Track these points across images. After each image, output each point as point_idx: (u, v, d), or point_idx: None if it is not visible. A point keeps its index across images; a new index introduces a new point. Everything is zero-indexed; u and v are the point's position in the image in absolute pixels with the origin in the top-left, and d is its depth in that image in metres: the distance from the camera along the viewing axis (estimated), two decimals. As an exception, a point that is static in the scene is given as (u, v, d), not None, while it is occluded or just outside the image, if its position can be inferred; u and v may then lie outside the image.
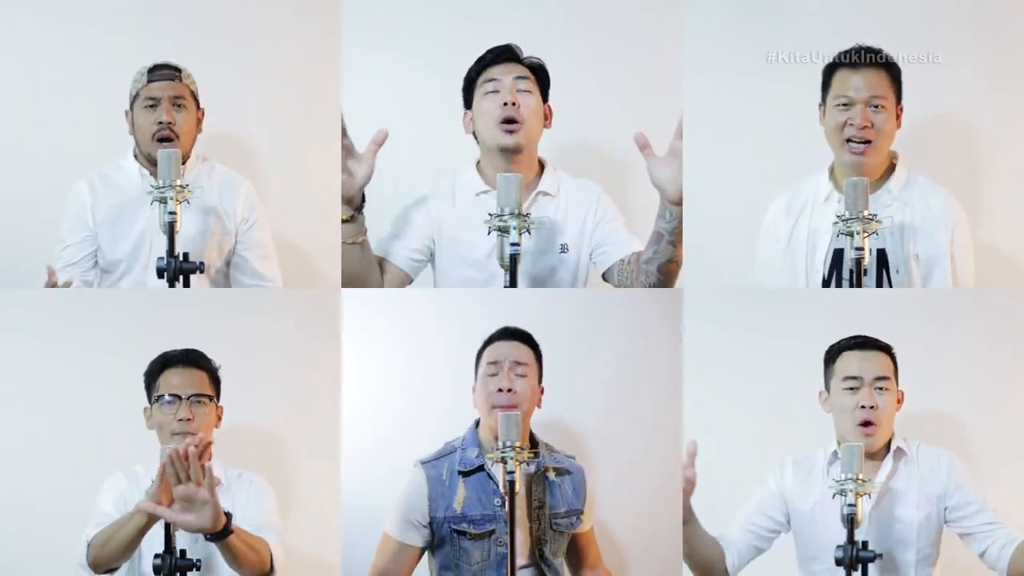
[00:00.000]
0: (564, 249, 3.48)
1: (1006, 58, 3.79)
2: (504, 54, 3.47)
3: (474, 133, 3.50)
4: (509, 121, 3.41)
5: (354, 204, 3.34)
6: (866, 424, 3.34)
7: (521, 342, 3.40)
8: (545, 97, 3.49)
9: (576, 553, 3.47)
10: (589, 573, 3.48)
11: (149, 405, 3.39)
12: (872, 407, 3.34)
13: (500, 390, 3.34)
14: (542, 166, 3.52)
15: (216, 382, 3.42)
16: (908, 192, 3.47)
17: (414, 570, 3.37)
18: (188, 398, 3.36)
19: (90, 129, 3.53)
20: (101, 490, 3.35)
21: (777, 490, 3.43)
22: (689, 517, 3.26)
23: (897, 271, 3.43)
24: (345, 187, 3.32)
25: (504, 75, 3.44)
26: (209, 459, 3.12)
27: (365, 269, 3.40)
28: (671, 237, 3.33)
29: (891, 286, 3.34)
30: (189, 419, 3.34)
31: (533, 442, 3.38)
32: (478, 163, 3.51)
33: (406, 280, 3.48)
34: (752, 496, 3.46)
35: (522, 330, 3.42)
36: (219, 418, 3.41)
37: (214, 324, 3.58)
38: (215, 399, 3.41)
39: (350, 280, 3.41)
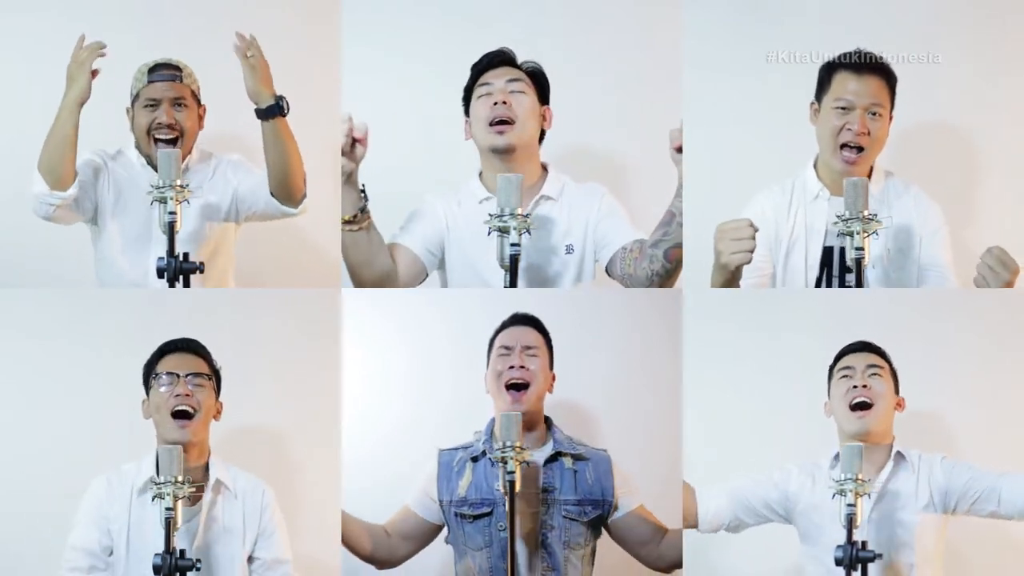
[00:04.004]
0: (570, 250, 3.49)
1: (1006, 58, 3.80)
2: (498, 58, 3.48)
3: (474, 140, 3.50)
4: (499, 121, 3.41)
5: (355, 184, 3.31)
6: (857, 407, 3.34)
7: (531, 327, 3.43)
8: (545, 100, 3.49)
9: (626, 537, 3.41)
10: (647, 547, 3.42)
11: (147, 396, 3.36)
12: (864, 386, 3.34)
13: (512, 367, 3.36)
14: (545, 170, 3.52)
15: (215, 372, 3.39)
16: (886, 193, 3.51)
17: (414, 542, 3.40)
18: (186, 376, 3.33)
19: (90, 129, 3.51)
20: (83, 499, 3.33)
21: (778, 486, 3.43)
22: None
23: (873, 267, 3.44)
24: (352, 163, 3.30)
25: (497, 79, 3.45)
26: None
27: (369, 255, 3.37)
28: (682, 218, 3.34)
29: (866, 281, 3.35)
30: (187, 395, 3.31)
31: (548, 425, 3.41)
32: (481, 173, 3.52)
33: (422, 272, 3.47)
34: (751, 478, 3.46)
35: (532, 316, 3.44)
36: (219, 411, 3.39)
37: (214, 324, 3.57)
38: (213, 382, 3.37)
39: (355, 267, 3.37)
